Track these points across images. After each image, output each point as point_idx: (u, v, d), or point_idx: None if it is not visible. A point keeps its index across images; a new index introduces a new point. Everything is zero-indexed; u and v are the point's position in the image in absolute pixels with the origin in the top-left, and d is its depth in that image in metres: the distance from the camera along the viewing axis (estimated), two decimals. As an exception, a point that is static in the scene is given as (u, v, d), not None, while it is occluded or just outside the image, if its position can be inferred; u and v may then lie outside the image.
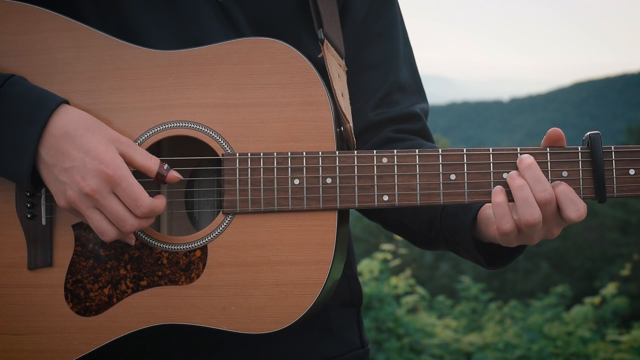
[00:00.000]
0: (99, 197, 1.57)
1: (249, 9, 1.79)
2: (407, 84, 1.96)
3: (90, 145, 1.58)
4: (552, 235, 1.64)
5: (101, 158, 1.57)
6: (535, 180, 1.60)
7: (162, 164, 1.63)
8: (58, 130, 1.59)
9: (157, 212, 1.60)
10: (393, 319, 6.85)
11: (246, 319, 1.64)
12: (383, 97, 1.92)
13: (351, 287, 1.94)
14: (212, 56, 1.68)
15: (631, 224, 28.29)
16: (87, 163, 1.57)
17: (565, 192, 1.60)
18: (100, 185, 1.56)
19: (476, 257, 1.75)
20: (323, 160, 1.65)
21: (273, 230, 1.65)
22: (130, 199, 1.57)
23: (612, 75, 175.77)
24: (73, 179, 1.57)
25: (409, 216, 1.88)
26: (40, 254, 1.67)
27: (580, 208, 1.60)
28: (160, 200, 1.61)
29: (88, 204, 1.58)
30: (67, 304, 1.67)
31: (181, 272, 1.65)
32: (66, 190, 1.58)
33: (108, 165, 1.57)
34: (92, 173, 1.56)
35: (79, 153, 1.58)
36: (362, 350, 1.95)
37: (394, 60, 1.94)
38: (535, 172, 1.61)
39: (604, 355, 6.92)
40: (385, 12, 1.95)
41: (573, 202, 1.60)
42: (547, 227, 1.63)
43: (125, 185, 1.57)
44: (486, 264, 1.76)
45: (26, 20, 1.70)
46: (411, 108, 1.94)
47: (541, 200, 1.59)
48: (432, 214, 1.82)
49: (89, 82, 1.69)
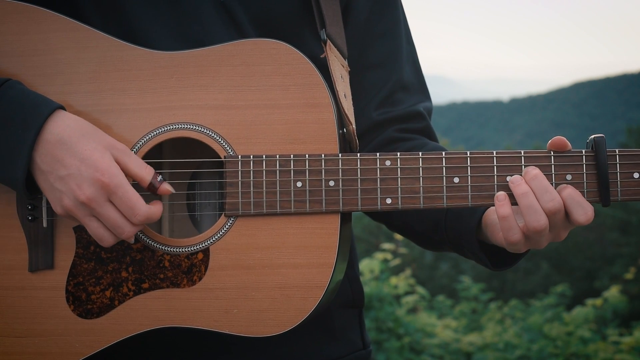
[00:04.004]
0: (95, 206, 1.56)
1: (252, 9, 1.79)
2: (410, 83, 1.95)
3: (86, 152, 1.57)
4: (560, 238, 1.64)
5: (97, 166, 1.56)
6: (543, 190, 1.59)
7: (157, 175, 1.61)
8: (53, 137, 1.57)
9: (154, 219, 1.59)
10: (393, 318, 6.86)
11: (248, 321, 1.63)
12: (386, 97, 1.92)
13: (353, 288, 1.93)
14: (214, 57, 1.67)
15: (631, 224, 28.29)
16: (83, 171, 1.56)
17: (572, 196, 1.59)
18: (96, 193, 1.55)
19: (482, 259, 1.75)
20: (326, 162, 1.64)
21: (275, 233, 1.64)
22: (127, 207, 1.56)
23: (612, 75, 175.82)
24: (69, 187, 1.56)
25: (413, 218, 1.87)
26: (41, 256, 1.66)
27: (588, 211, 1.59)
28: (157, 207, 1.60)
29: (85, 212, 1.57)
30: (69, 307, 1.66)
31: (183, 274, 1.65)
32: (62, 199, 1.57)
33: (104, 173, 1.56)
34: (88, 181, 1.55)
35: (75, 160, 1.56)
36: (364, 352, 1.95)
37: (397, 60, 1.94)
38: (541, 182, 1.60)
39: (604, 355, 6.92)
40: (388, 11, 1.94)
41: (581, 206, 1.59)
42: (555, 232, 1.63)
43: (121, 194, 1.56)
44: (492, 266, 1.75)
45: (27, 20, 1.69)
46: (414, 107, 1.93)
47: (550, 210, 1.58)
48: (437, 216, 1.81)
49: (90, 83, 1.68)
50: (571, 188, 1.60)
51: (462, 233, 1.74)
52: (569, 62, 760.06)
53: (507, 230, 1.59)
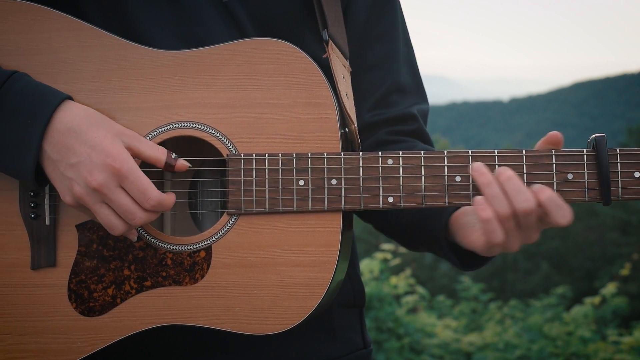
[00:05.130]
0: (106, 191, 1.56)
1: (253, 9, 1.79)
2: (407, 85, 1.95)
3: (96, 139, 1.57)
4: (531, 240, 1.62)
5: (108, 152, 1.56)
6: (516, 191, 1.58)
7: (170, 153, 1.62)
8: (62, 126, 1.58)
9: (166, 206, 1.60)
10: (393, 318, 6.85)
11: (250, 319, 1.64)
12: (381, 99, 1.92)
13: (354, 287, 1.94)
14: (217, 56, 1.67)
15: (631, 224, 28.30)
16: (94, 157, 1.56)
17: (553, 199, 1.58)
18: (108, 179, 1.56)
19: (452, 259, 1.75)
20: (328, 161, 1.65)
21: (278, 231, 1.65)
22: (139, 192, 1.57)
23: (612, 75, 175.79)
24: (80, 174, 1.57)
25: (393, 218, 1.88)
26: (43, 254, 1.67)
27: (568, 214, 1.58)
28: (169, 196, 1.60)
29: (96, 198, 1.58)
30: (71, 304, 1.67)
31: (185, 272, 1.65)
32: (73, 186, 1.58)
33: (115, 159, 1.56)
34: (99, 167, 1.56)
35: (85, 148, 1.57)
36: (364, 351, 1.95)
37: (394, 62, 1.94)
38: (515, 183, 1.58)
39: (604, 355, 6.92)
40: (386, 13, 1.94)
41: (561, 208, 1.58)
42: (528, 233, 1.61)
43: (133, 179, 1.56)
44: (461, 266, 1.76)
45: (30, 19, 1.69)
46: (408, 109, 1.93)
47: (524, 211, 1.57)
48: (411, 217, 1.81)
49: (93, 82, 1.68)
50: (550, 190, 1.58)
51: (434, 234, 1.74)
52: (569, 62, 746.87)
53: (491, 232, 1.59)
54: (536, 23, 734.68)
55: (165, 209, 1.61)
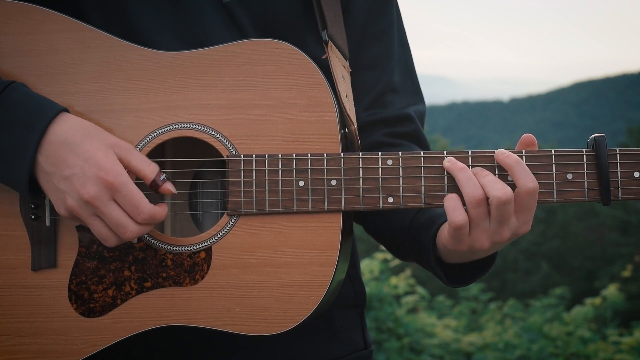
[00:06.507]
0: (98, 204, 1.56)
1: (253, 10, 1.79)
2: (401, 85, 1.94)
3: (89, 152, 1.57)
4: (501, 237, 1.61)
5: (100, 165, 1.56)
6: (494, 182, 1.59)
7: (160, 173, 1.62)
8: (57, 138, 1.58)
9: (158, 219, 1.60)
10: (393, 319, 6.86)
11: (250, 320, 1.64)
12: (376, 98, 1.92)
13: (355, 288, 1.94)
14: (217, 57, 1.67)
15: (631, 224, 28.30)
16: (86, 170, 1.56)
17: (521, 164, 1.60)
18: (100, 192, 1.56)
19: (437, 273, 1.75)
20: (328, 162, 1.65)
21: (278, 232, 1.65)
22: (131, 206, 1.57)
23: (612, 75, 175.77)
24: (72, 186, 1.56)
25: (384, 226, 1.88)
26: (44, 255, 1.67)
27: (534, 179, 1.59)
28: (162, 207, 1.60)
29: (88, 211, 1.58)
30: (71, 305, 1.67)
31: (185, 273, 1.65)
32: (66, 199, 1.58)
33: (108, 172, 1.56)
34: (91, 180, 1.56)
35: (78, 160, 1.57)
36: (365, 351, 1.96)
37: (388, 62, 1.93)
38: (493, 177, 1.61)
39: (604, 355, 6.93)
40: (383, 13, 1.94)
41: (528, 174, 1.59)
42: (499, 228, 1.60)
43: (125, 192, 1.56)
44: (447, 281, 1.75)
45: (30, 20, 1.69)
46: (404, 110, 1.92)
47: (500, 199, 1.57)
48: (401, 225, 1.81)
49: (93, 83, 1.68)
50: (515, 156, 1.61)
51: (422, 245, 1.74)
52: (569, 62, 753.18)
53: (452, 210, 1.59)
54: (536, 23, 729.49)
55: (158, 222, 1.61)
